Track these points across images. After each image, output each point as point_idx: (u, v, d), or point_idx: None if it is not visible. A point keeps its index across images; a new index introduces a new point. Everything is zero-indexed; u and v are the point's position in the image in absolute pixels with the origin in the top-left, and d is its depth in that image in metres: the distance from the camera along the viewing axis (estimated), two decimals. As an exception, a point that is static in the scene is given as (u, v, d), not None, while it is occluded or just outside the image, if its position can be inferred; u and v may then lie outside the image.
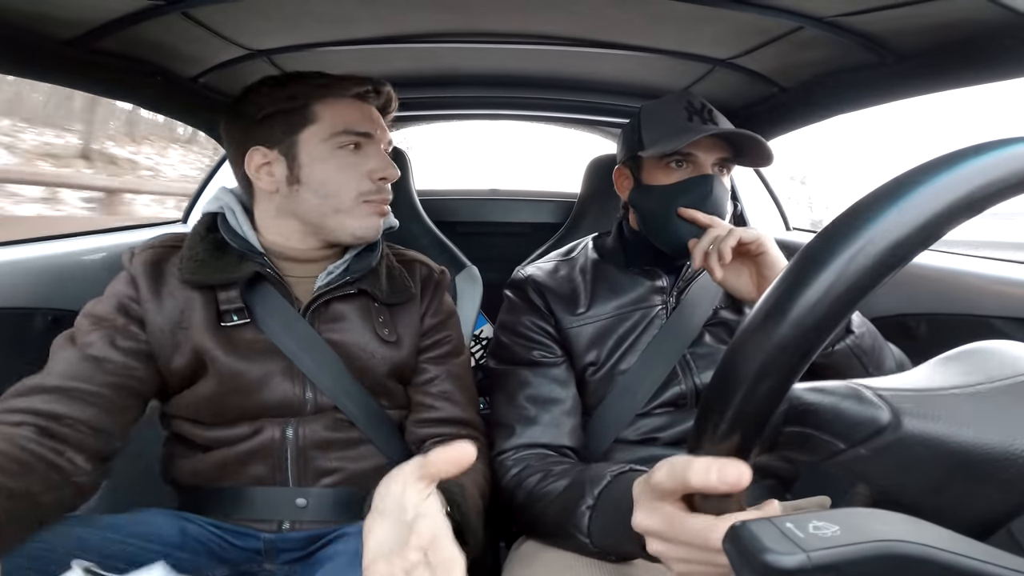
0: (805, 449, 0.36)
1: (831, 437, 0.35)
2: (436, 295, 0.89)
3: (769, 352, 0.31)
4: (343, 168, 0.77)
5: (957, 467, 0.33)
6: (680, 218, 0.82)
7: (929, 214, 0.29)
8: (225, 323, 0.75)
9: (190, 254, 0.76)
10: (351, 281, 0.80)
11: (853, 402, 0.35)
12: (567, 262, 0.96)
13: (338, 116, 0.77)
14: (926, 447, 0.33)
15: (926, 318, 0.94)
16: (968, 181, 0.30)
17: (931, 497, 0.33)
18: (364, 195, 0.78)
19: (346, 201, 0.77)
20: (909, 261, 0.30)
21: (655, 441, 0.83)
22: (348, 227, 0.78)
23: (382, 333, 0.81)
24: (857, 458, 0.34)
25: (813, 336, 0.30)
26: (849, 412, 0.35)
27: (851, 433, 0.35)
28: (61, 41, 0.81)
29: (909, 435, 0.33)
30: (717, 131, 0.80)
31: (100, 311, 0.74)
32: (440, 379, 0.85)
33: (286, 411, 0.76)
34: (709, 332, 0.87)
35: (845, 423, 0.35)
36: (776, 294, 0.32)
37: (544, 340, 0.88)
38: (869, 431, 0.34)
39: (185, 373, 0.75)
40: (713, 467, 0.35)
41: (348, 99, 0.79)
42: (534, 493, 0.73)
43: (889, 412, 0.34)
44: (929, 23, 0.72)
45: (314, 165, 0.76)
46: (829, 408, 0.35)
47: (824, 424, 0.35)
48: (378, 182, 0.78)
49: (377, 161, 0.78)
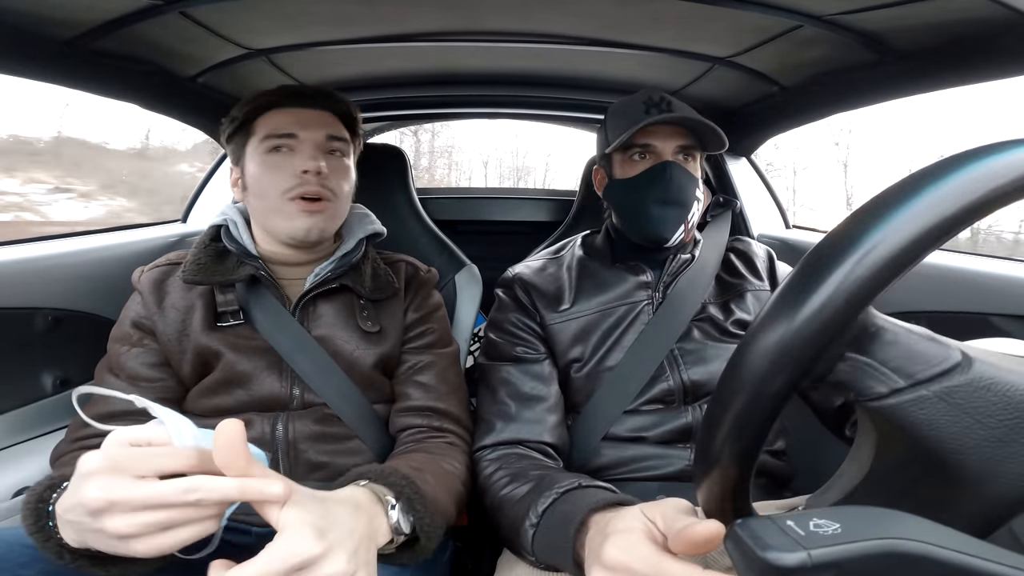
0: (862, 382, 0.34)
1: (893, 371, 0.33)
2: (420, 291, 0.92)
3: (774, 355, 0.31)
4: (270, 169, 0.82)
5: (1020, 421, 0.31)
6: (650, 209, 0.85)
7: (935, 219, 0.29)
8: (222, 323, 0.80)
9: (194, 259, 0.83)
10: (334, 278, 0.85)
11: (924, 339, 0.34)
12: (555, 260, 0.97)
13: (268, 124, 0.83)
14: (994, 394, 0.32)
15: (926, 316, 0.94)
16: (973, 185, 0.29)
17: (989, 450, 0.32)
18: (288, 191, 0.81)
19: (274, 200, 0.81)
20: (913, 267, 0.30)
21: (643, 440, 0.83)
22: (280, 227, 0.82)
23: (364, 325, 0.84)
24: (917, 399, 0.33)
25: (822, 336, 0.30)
26: (919, 347, 0.33)
27: (917, 370, 0.33)
28: (60, 41, 0.81)
29: (978, 378, 0.32)
30: (660, 118, 0.82)
31: (120, 333, 0.81)
32: (419, 368, 0.87)
33: (274, 406, 0.80)
34: (697, 327, 0.87)
35: (912, 357, 0.33)
36: (782, 298, 0.32)
37: (528, 337, 0.89)
38: (937, 370, 0.33)
39: (193, 376, 0.79)
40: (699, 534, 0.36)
41: (278, 108, 0.84)
42: (497, 498, 0.73)
43: (961, 353, 0.33)
44: (928, 21, 0.72)
45: (251, 171, 0.83)
46: (900, 338, 0.34)
47: (890, 356, 0.33)
48: (302, 175, 0.81)
49: (302, 158, 0.81)
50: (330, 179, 0.82)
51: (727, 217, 1.03)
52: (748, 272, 0.93)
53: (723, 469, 0.34)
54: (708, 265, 0.91)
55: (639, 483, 0.82)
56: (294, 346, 0.80)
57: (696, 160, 0.89)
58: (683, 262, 0.91)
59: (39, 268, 0.98)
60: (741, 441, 0.32)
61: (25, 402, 0.95)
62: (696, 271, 0.90)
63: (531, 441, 0.81)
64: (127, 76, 0.95)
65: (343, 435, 0.81)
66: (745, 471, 0.34)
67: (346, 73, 1.20)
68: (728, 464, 0.33)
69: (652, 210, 0.85)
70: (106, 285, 1.06)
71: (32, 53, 0.81)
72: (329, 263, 0.86)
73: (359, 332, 0.84)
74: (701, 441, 0.35)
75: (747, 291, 0.91)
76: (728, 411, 0.32)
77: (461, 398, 0.88)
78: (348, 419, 0.81)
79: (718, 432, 0.33)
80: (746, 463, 0.33)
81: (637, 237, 0.89)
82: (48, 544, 0.49)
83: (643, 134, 0.85)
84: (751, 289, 0.91)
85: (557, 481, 0.63)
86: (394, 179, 1.24)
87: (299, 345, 0.80)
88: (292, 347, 0.80)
